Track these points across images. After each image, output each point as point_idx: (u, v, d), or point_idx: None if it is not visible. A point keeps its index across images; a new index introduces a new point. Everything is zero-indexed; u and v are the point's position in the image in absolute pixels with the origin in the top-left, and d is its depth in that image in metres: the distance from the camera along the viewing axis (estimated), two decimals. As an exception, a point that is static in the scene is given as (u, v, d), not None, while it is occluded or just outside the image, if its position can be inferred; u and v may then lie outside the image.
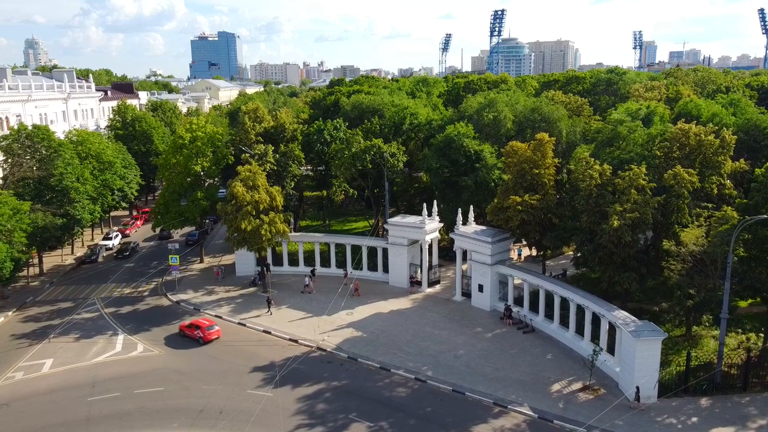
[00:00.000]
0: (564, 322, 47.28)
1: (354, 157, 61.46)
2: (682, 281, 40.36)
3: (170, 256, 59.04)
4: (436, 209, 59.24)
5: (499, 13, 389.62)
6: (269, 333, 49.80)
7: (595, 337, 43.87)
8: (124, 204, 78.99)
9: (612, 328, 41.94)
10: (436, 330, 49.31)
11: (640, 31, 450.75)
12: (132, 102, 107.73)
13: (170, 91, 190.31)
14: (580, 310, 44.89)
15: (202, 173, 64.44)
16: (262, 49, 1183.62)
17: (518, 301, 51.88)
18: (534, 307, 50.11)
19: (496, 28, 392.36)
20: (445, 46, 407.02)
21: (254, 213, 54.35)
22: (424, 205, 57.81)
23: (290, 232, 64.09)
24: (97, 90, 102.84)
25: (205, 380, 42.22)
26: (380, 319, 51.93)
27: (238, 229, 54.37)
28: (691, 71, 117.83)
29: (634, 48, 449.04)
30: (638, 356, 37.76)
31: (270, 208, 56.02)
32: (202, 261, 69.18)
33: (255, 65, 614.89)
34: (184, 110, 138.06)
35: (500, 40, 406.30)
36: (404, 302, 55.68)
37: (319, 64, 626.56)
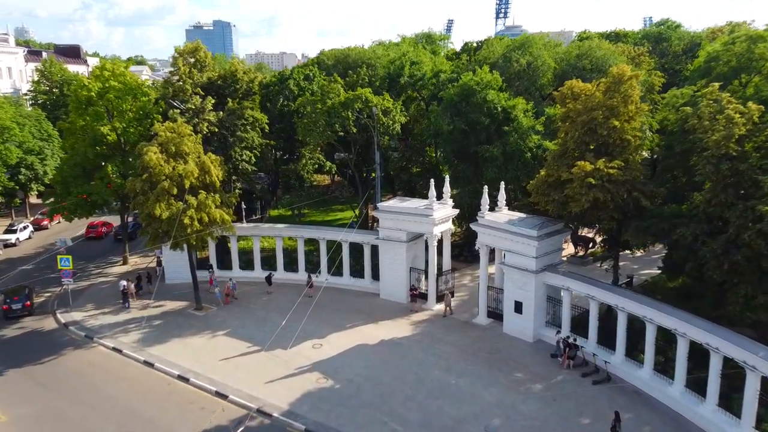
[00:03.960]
0: (663, 367, 28.98)
1: (330, 113, 42.78)
2: None
3: (59, 257, 40.52)
4: (449, 189, 40.75)
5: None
6: (186, 380, 31.36)
7: (725, 398, 25.68)
8: (36, 186, 60.69)
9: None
10: (451, 376, 30.90)
11: (650, 18, 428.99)
12: (76, 69, 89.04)
13: (141, 65, 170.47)
14: (695, 349, 26.61)
15: (121, 139, 45.90)
16: (261, 44, 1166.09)
17: (577, 328, 33.55)
18: (606, 340, 31.74)
19: (502, 10, 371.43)
20: (447, 32, 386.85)
21: (175, 192, 36.04)
22: (431, 182, 39.30)
23: (242, 222, 45.79)
24: (28, 51, 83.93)
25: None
26: (364, 355, 33.51)
27: (150, 215, 36.03)
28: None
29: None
30: None
31: (202, 186, 37.68)
32: (125, 262, 50.73)
33: (251, 54, 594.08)
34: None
35: (504, 26, 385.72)
36: (402, 327, 37.27)
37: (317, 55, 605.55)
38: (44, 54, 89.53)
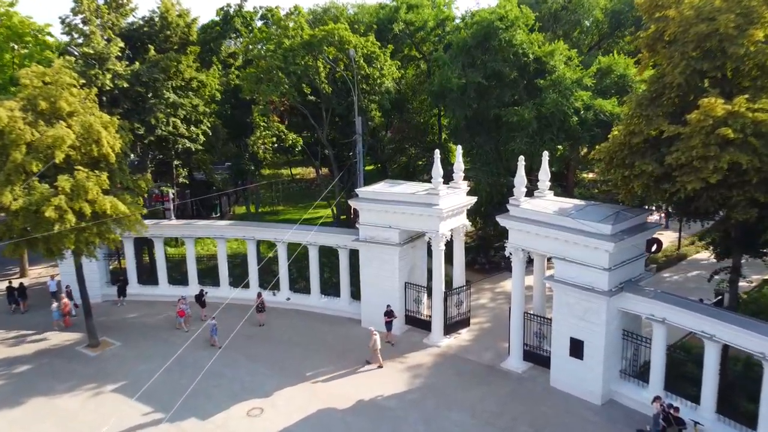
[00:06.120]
0: None
1: (288, 57, 29.79)
2: None
3: None
4: (461, 166, 27.71)
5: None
6: (18, 485, 18.42)
7: None
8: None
9: None
10: (474, 477, 17.90)
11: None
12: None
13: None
14: None
15: None
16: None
17: (677, 383, 20.63)
18: (730, 406, 18.79)
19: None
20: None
21: (37, 169, 23.23)
22: (437, 153, 26.14)
23: (171, 218, 33.00)
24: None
25: None
26: (331, 428, 20.52)
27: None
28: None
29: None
30: None
31: (89, 163, 24.85)
32: (24, 274, 37.91)
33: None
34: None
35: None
36: (392, 376, 24.25)
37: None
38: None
